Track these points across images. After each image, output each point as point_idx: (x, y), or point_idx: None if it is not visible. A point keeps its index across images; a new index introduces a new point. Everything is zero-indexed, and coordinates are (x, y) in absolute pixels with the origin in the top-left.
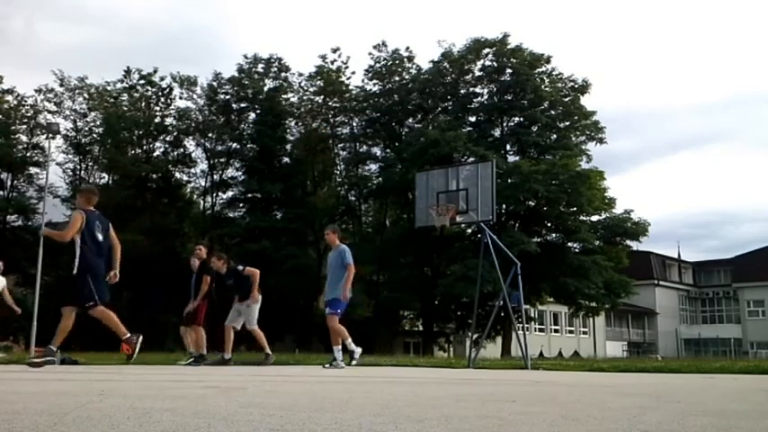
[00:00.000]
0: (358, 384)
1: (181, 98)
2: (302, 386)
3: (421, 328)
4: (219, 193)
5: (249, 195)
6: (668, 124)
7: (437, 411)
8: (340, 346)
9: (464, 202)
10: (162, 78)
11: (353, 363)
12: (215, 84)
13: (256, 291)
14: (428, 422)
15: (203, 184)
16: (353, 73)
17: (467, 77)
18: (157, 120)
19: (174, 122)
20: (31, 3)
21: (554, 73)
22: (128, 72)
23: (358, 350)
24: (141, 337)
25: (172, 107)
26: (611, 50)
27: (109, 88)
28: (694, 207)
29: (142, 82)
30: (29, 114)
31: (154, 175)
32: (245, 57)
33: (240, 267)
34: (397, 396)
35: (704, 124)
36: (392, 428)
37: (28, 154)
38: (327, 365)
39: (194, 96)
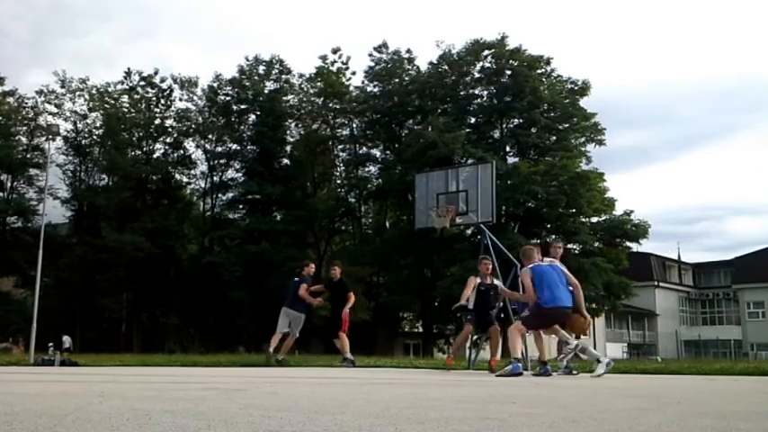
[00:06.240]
0: (358, 386)
1: (181, 100)
2: (302, 388)
3: (421, 330)
4: (219, 195)
5: (249, 197)
6: (668, 123)
7: (437, 413)
8: None
9: (464, 204)
10: (162, 80)
11: None
12: (215, 85)
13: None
14: (428, 424)
15: (203, 185)
16: (353, 74)
17: (466, 79)
18: (157, 121)
19: (175, 124)
20: (33, 3)
21: (553, 75)
22: (128, 73)
23: None
24: None
25: (172, 108)
26: (611, 50)
27: (109, 89)
28: (695, 207)
29: (142, 83)
30: (29, 116)
31: (154, 177)
32: (246, 58)
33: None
34: (397, 398)
35: (705, 124)
36: (392, 430)
37: (28, 155)
38: None
39: (194, 98)
